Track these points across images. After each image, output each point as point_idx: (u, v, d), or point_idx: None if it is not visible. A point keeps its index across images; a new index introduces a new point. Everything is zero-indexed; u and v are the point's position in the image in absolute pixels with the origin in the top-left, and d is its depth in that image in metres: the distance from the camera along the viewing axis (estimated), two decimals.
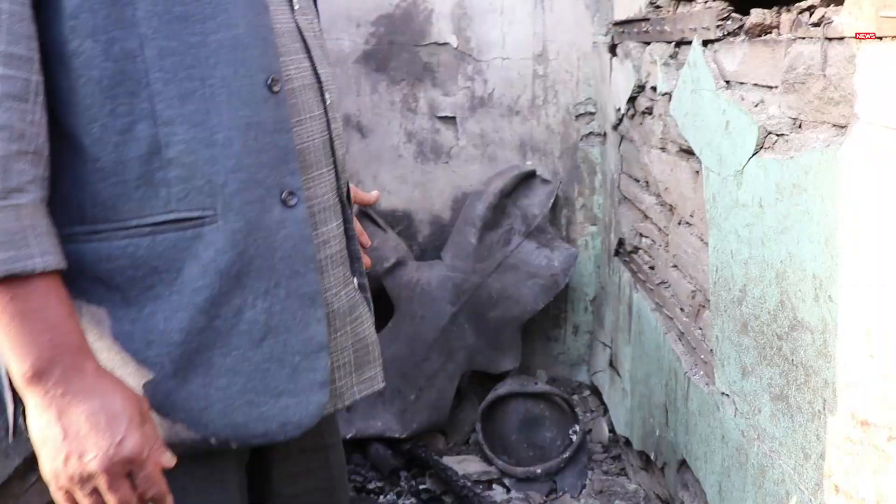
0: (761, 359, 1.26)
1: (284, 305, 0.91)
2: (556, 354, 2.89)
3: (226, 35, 0.86)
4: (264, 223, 0.89)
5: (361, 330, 1.07)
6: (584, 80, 2.63)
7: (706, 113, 1.48)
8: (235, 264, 0.88)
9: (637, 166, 2.22)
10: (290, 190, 0.91)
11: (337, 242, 1.02)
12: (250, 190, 0.88)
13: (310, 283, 0.93)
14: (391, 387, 2.45)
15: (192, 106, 0.85)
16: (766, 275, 1.22)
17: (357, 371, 1.05)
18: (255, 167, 0.88)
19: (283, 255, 0.91)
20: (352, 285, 1.06)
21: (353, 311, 1.05)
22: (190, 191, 0.86)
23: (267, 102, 0.89)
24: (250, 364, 0.90)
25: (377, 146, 2.69)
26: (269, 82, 0.89)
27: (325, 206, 1.00)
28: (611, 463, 2.46)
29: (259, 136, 0.89)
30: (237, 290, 0.88)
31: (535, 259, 2.56)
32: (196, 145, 0.85)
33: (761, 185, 1.24)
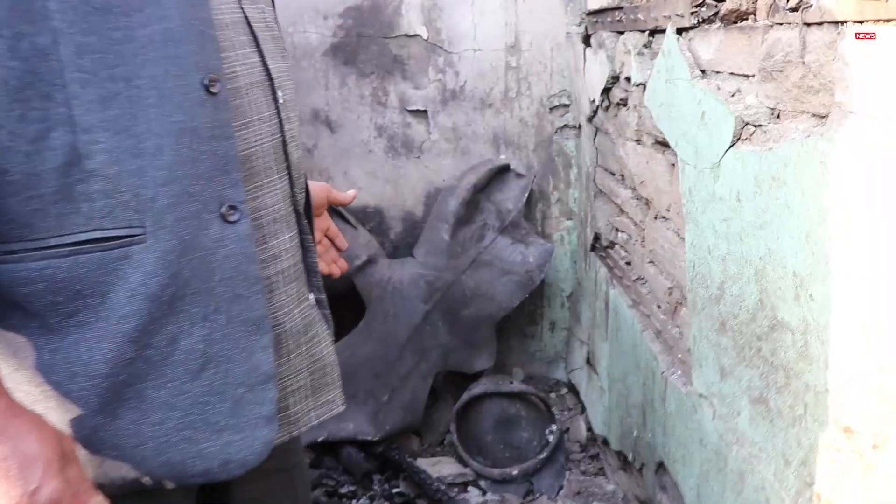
0: (740, 360, 1.20)
1: (225, 333, 0.83)
2: (533, 352, 2.84)
3: (155, 29, 0.77)
4: (201, 242, 0.81)
5: (318, 350, 0.99)
6: (558, 71, 2.57)
7: (681, 103, 1.42)
8: (168, 288, 0.79)
9: (612, 159, 2.16)
10: (231, 203, 0.82)
11: (290, 256, 0.94)
12: (184, 205, 0.79)
13: (254, 307, 0.85)
14: (364, 388, 2.38)
15: (116, 110, 0.75)
16: (745, 272, 1.17)
17: (314, 394, 0.99)
18: (190, 179, 0.79)
19: (223, 277, 0.82)
20: (307, 302, 0.98)
21: (309, 331, 0.98)
22: (115, 206, 0.77)
23: (204, 105, 0.80)
24: (188, 397, 0.82)
25: (347, 141, 2.62)
26: (207, 82, 0.80)
27: (275, 217, 0.91)
28: (589, 463, 2.41)
29: (194, 143, 0.79)
30: (171, 317, 0.80)
31: (509, 255, 2.51)
32: (121, 155, 0.76)
33: (739, 177, 1.18)
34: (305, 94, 2.57)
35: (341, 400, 1.04)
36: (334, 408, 1.02)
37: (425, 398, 2.40)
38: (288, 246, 0.93)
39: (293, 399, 0.95)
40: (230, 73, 0.85)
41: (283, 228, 0.93)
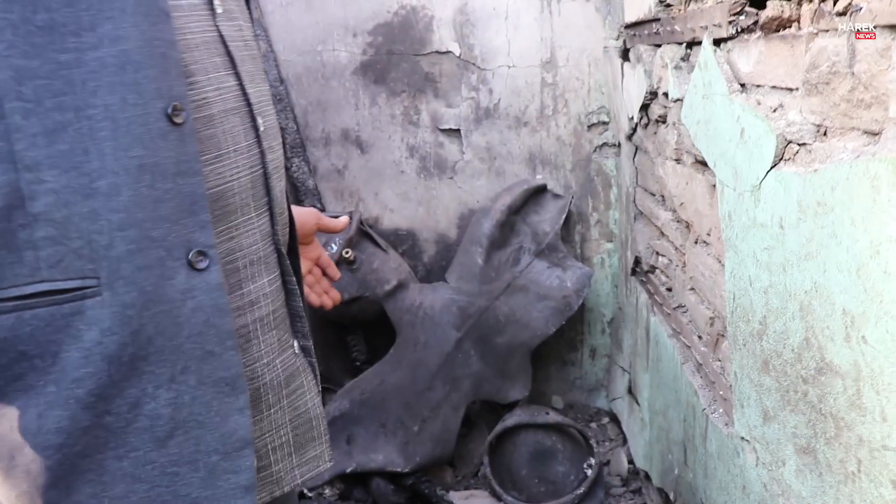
0: (784, 403, 1.08)
1: (195, 395, 0.74)
2: (573, 379, 2.72)
3: (109, 51, 0.68)
4: (165, 294, 0.72)
5: (302, 403, 0.91)
6: (596, 87, 2.47)
7: (719, 120, 1.31)
8: (128, 347, 0.70)
9: (652, 179, 2.05)
10: (199, 249, 0.73)
11: (270, 302, 0.85)
12: (145, 252, 0.70)
13: (227, 364, 0.75)
14: (393, 417, 2.30)
15: (65, 145, 0.67)
16: (789, 307, 1.05)
17: (298, 451, 0.90)
18: (151, 222, 0.70)
19: (192, 333, 0.73)
20: (290, 350, 0.90)
21: (292, 382, 0.89)
22: (64, 254, 0.68)
23: (167, 138, 0.71)
24: (154, 467, 0.73)
25: (378, 162, 2.56)
26: (170, 111, 0.71)
27: (253, 260, 0.83)
28: (630, 498, 2.28)
29: (156, 181, 0.70)
30: (133, 379, 0.71)
31: (546, 280, 2.40)
32: (70, 196, 0.67)
33: (781, 202, 1.07)
34: (335, 113, 2.52)
35: (328, 455, 0.95)
36: (321, 464, 0.94)
37: (457, 429, 2.30)
38: (267, 290, 0.85)
39: (275, 457, 0.87)
40: (200, 100, 0.76)
41: (261, 271, 0.84)
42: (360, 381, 2.36)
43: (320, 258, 1.21)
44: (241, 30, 0.84)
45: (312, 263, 1.20)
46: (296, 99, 2.51)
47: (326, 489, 2.28)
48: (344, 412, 2.32)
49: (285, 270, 0.89)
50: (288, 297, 0.89)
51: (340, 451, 2.30)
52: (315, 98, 2.51)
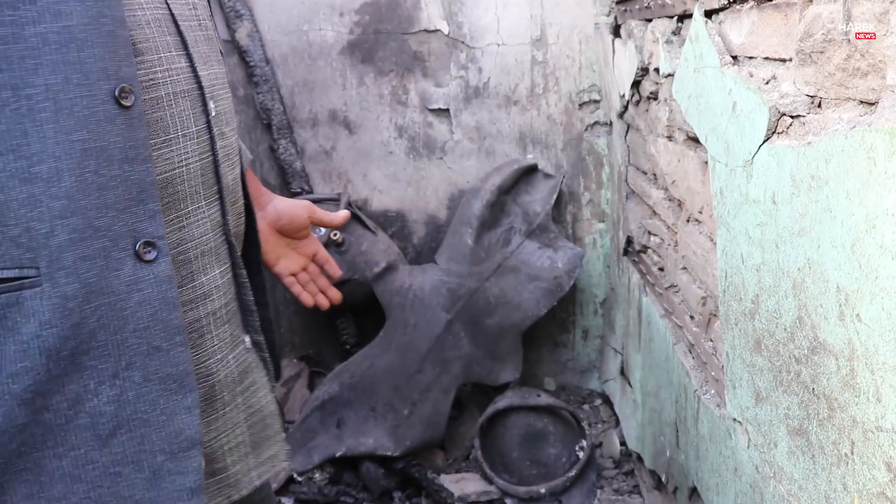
0: (777, 384, 1.06)
1: (140, 392, 0.70)
2: (565, 361, 2.70)
3: (50, 27, 0.63)
4: (110, 285, 0.68)
5: (256, 400, 0.88)
6: (587, 65, 2.43)
7: (710, 94, 1.28)
8: (69, 341, 0.66)
9: (644, 157, 2.02)
10: (147, 239, 0.70)
11: (222, 295, 0.82)
12: (88, 241, 0.66)
13: (175, 361, 0.72)
14: (383, 401, 2.28)
15: (2, 125, 0.62)
16: (782, 284, 1.02)
17: (255, 450, 0.87)
18: (96, 210, 0.66)
19: (138, 327, 0.70)
20: (243, 345, 0.86)
21: (246, 378, 0.86)
22: (1, 242, 0.64)
23: (114, 121, 0.67)
24: (95, 467, 0.69)
25: (366, 143, 2.52)
26: (118, 93, 0.67)
27: (204, 251, 0.79)
28: (622, 480, 2.27)
29: (101, 166, 0.66)
30: (74, 375, 0.67)
31: (536, 260, 2.37)
32: (8, 180, 0.63)
33: (774, 176, 1.04)
34: (322, 94, 2.47)
35: (285, 454, 0.92)
36: (277, 463, 0.91)
37: (447, 412, 2.28)
38: (219, 283, 0.81)
39: (232, 458, 0.84)
40: (148, 80, 0.72)
41: (212, 263, 0.81)
42: (349, 365, 2.33)
43: (317, 254, 1.17)
44: (195, 9, 0.80)
45: (308, 260, 1.16)
46: (282, 79, 2.46)
47: (316, 473, 2.26)
48: (333, 396, 2.29)
49: (236, 262, 0.85)
50: (239, 290, 0.86)
51: (330, 434, 2.27)
52: (302, 78, 2.47)
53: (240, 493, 0.85)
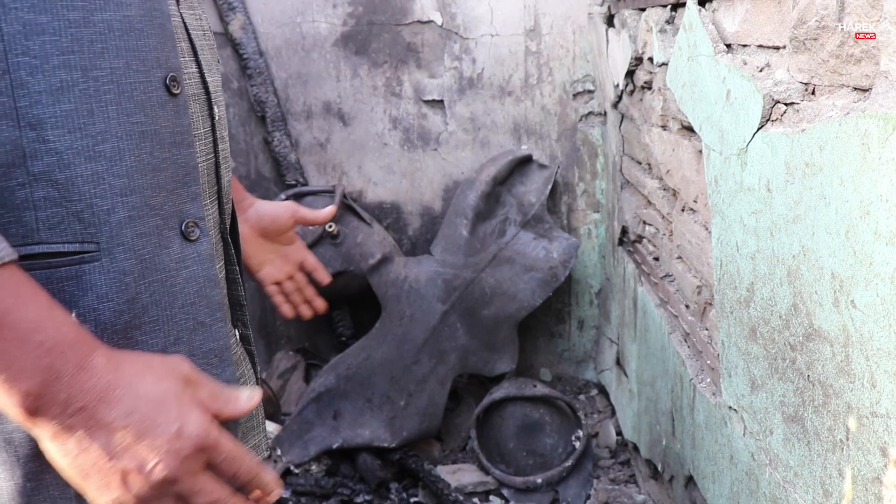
0: (772, 371, 1.06)
1: None
2: (561, 351, 2.70)
3: (114, 15, 0.67)
4: (162, 262, 0.70)
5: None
6: (581, 55, 2.43)
7: (704, 82, 1.28)
8: (123, 315, 0.67)
9: (638, 147, 2.02)
10: (193, 220, 0.73)
11: (221, 288, 0.83)
12: (144, 219, 0.69)
13: (217, 335, 0.75)
14: (379, 392, 2.28)
15: (70, 104, 0.64)
16: (776, 272, 1.02)
17: (243, 439, 0.88)
18: (151, 189, 0.69)
19: (186, 303, 0.72)
20: (234, 338, 0.88)
21: (236, 370, 0.87)
22: (64, 217, 0.65)
23: (165, 107, 0.70)
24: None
25: (360, 135, 2.51)
26: (169, 81, 0.70)
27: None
28: (619, 469, 2.27)
29: (155, 149, 0.69)
30: (126, 349, 0.68)
31: (532, 251, 2.37)
32: (74, 157, 0.65)
33: (768, 164, 1.04)
34: (316, 86, 2.47)
35: (265, 445, 0.93)
36: (259, 453, 0.91)
37: (444, 403, 2.28)
38: (220, 277, 0.82)
39: None
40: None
41: (213, 259, 0.82)
42: (345, 356, 2.33)
43: (305, 262, 1.16)
44: (200, 19, 0.83)
45: (295, 268, 1.16)
46: (276, 72, 2.46)
47: (313, 465, 2.26)
48: (330, 388, 2.29)
49: (229, 259, 0.87)
50: (230, 285, 0.87)
51: (327, 426, 2.27)
52: (295, 71, 2.46)
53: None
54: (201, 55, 0.80)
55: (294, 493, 2.21)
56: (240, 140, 2.51)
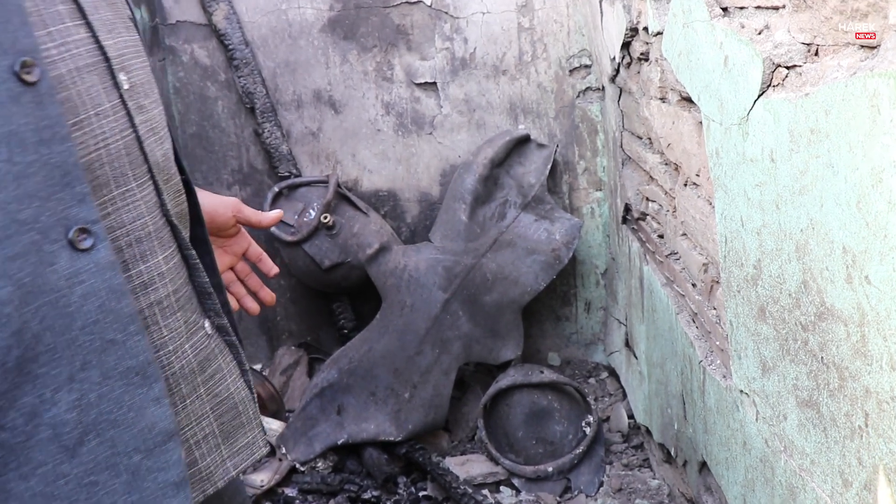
0: (784, 353, 1.00)
1: (102, 392, 0.64)
2: (569, 335, 2.64)
3: None
4: (47, 282, 0.61)
5: (223, 388, 0.81)
6: (576, 29, 2.35)
7: (701, 50, 1.21)
8: (12, 351, 0.59)
9: (638, 121, 1.94)
10: (81, 226, 0.62)
11: (169, 281, 0.75)
12: (14, 238, 0.59)
13: (134, 351, 0.65)
14: (383, 385, 2.23)
15: None
16: (784, 247, 0.96)
17: (227, 440, 0.81)
18: (17, 202, 0.59)
19: (87, 322, 0.63)
20: (202, 332, 0.80)
21: (208, 367, 0.80)
22: None
23: (19, 101, 0.59)
24: (68, 481, 0.62)
25: (353, 122, 2.45)
26: (19, 69, 0.59)
27: (140, 236, 0.71)
28: (632, 454, 2.22)
29: (14, 154, 0.59)
30: (25, 386, 0.60)
31: (533, 233, 2.31)
32: None
33: (771, 133, 0.97)
34: (305, 74, 2.40)
35: (263, 441, 0.86)
36: (255, 451, 0.85)
37: (449, 394, 2.23)
38: (163, 269, 0.74)
39: (200, 451, 0.78)
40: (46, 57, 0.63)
41: (153, 248, 0.73)
42: (347, 350, 2.28)
43: (248, 250, 1.07)
44: None
45: (236, 258, 1.06)
46: (263, 61, 2.39)
47: (319, 462, 2.22)
48: (332, 382, 2.24)
49: (183, 244, 0.78)
50: (191, 272, 0.79)
51: (331, 422, 2.23)
52: (283, 59, 2.39)
53: (215, 485, 0.79)
54: (93, 14, 0.69)
55: (301, 492, 2.17)
56: (230, 133, 2.45)
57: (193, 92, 2.41)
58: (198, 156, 2.46)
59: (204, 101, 2.42)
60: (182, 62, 2.38)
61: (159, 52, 2.34)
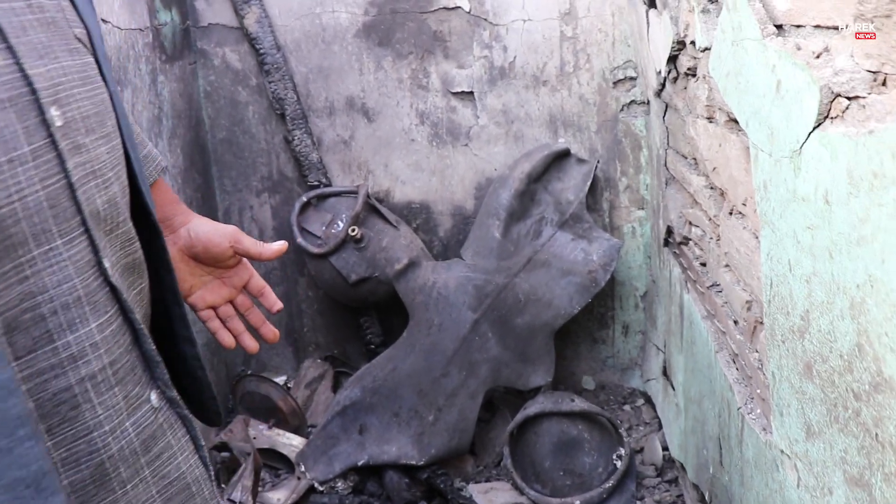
0: (831, 420, 0.88)
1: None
2: (605, 358, 2.53)
3: None
4: None
5: (173, 468, 0.73)
6: (622, 39, 2.23)
7: (751, 71, 1.09)
8: None
9: (683, 140, 1.82)
10: None
11: (104, 352, 0.66)
12: None
13: (23, 460, 0.57)
14: (407, 406, 2.14)
15: None
16: (837, 302, 0.84)
17: None
18: None
19: None
20: (147, 406, 0.71)
21: (154, 445, 0.71)
22: None
23: None
24: None
25: (386, 131, 2.37)
26: None
27: (66, 303, 0.63)
28: (665, 489, 2.09)
29: None
30: None
31: (570, 253, 2.20)
32: None
33: (827, 171, 0.86)
34: (338, 80, 2.33)
35: None
36: None
37: (475, 419, 2.13)
38: (97, 339, 0.65)
39: None
40: None
41: (84, 315, 0.64)
42: (371, 368, 2.20)
43: (249, 283, 0.99)
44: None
45: (235, 291, 0.98)
46: (295, 66, 2.33)
47: (339, 482, 2.15)
48: (355, 401, 2.17)
49: (126, 308, 0.69)
50: (137, 340, 0.70)
51: (352, 442, 2.15)
52: (316, 65, 2.33)
53: None
54: (18, 37, 0.60)
55: None
56: (260, 139, 2.39)
57: (224, 96, 2.36)
58: (227, 161, 2.41)
59: (235, 106, 2.37)
60: (213, 66, 2.33)
61: (190, 55, 2.30)
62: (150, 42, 2.01)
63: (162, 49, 2.09)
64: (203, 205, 2.32)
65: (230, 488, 1.91)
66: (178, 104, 2.17)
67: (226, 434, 2.19)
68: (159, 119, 2.05)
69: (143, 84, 1.97)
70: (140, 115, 1.93)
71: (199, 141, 2.33)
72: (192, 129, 2.27)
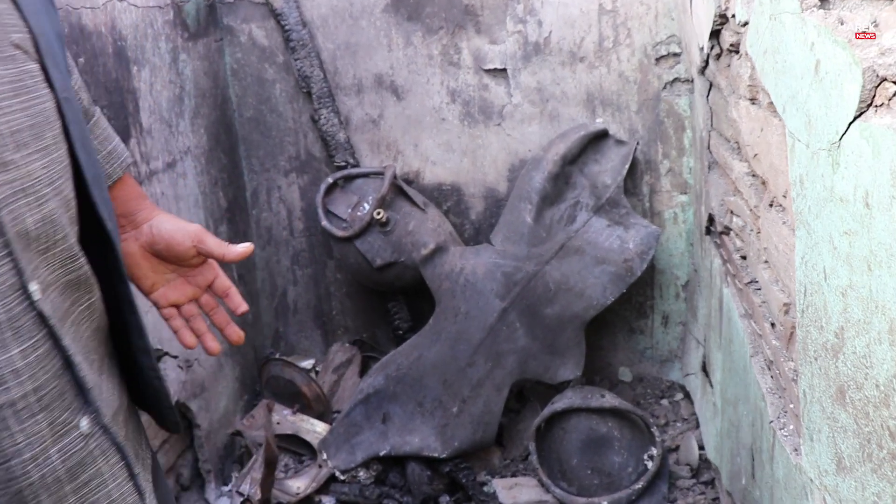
0: (865, 456, 0.77)
1: None
2: (643, 349, 2.41)
3: None
4: None
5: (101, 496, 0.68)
6: (665, 12, 2.09)
7: (788, 49, 0.97)
8: None
9: (726, 122, 1.69)
10: None
11: (27, 379, 0.62)
12: None
13: None
14: (431, 396, 2.07)
15: None
16: (875, 322, 0.73)
17: None
18: None
19: None
20: (76, 432, 0.67)
21: (81, 473, 0.67)
22: None
23: None
24: None
25: (416, 109, 2.27)
26: None
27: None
28: (699, 492, 1.98)
29: None
30: None
31: (605, 240, 2.08)
32: None
33: (868, 169, 0.74)
34: (366, 57, 2.24)
35: None
36: None
37: (500, 411, 2.05)
38: (19, 365, 0.61)
39: None
40: None
41: (5, 342, 0.60)
42: (395, 355, 2.14)
43: (214, 283, 0.93)
44: None
45: (199, 290, 0.92)
46: (322, 43, 2.25)
47: (361, 472, 2.10)
48: (379, 389, 2.11)
49: (55, 334, 0.64)
50: (69, 365, 0.66)
51: (375, 431, 2.10)
52: (343, 41, 2.24)
53: None
54: None
55: (338, 502, 2.05)
56: (288, 118, 2.33)
57: (251, 74, 2.30)
58: (254, 141, 2.35)
59: (262, 84, 2.30)
60: (240, 43, 2.27)
61: (216, 32, 2.24)
62: (170, 20, 1.95)
63: (184, 26, 2.03)
64: (230, 185, 2.27)
65: (239, 480, 1.87)
66: (201, 83, 2.12)
67: (247, 420, 2.15)
68: (181, 98, 2.00)
69: (163, 63, 1.91)
70: (159, 95, 1.88)
71: (226, 120, 2.28)
72: (217, 108, 2.22)
